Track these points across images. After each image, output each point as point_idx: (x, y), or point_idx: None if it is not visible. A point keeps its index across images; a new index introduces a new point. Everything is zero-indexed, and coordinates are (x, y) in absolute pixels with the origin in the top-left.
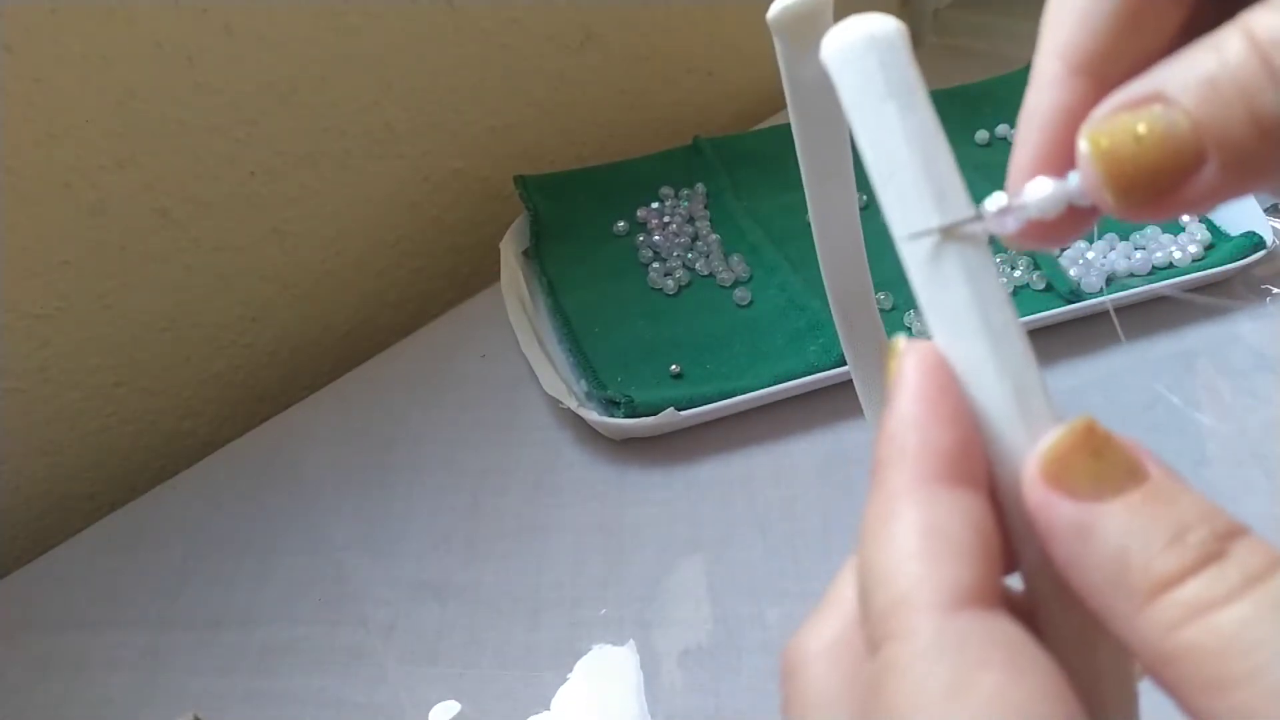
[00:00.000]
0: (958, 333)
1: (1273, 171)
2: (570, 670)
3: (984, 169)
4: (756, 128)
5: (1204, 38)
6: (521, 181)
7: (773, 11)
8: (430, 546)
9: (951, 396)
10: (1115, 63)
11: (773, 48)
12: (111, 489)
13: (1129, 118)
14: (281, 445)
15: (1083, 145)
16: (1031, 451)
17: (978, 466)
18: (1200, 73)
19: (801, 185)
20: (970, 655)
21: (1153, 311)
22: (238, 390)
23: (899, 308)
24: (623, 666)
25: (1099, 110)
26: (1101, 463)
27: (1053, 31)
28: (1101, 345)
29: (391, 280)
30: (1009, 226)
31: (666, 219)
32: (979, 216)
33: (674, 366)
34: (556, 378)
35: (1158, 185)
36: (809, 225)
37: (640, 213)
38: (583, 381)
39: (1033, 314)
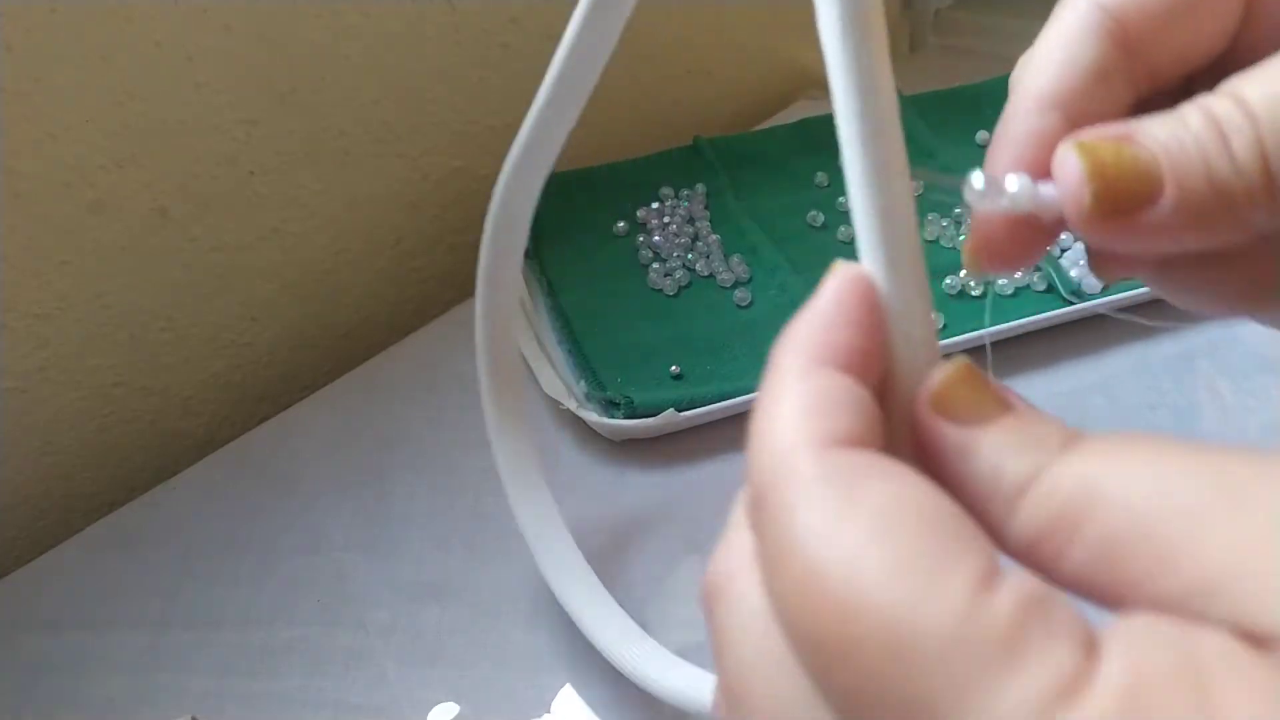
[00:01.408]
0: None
1: (1217, 228)
2: (570, 672)
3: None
4: (757, 128)
5: (1166, 111)
6: None
7: None
8: (430, 547)
9: (866, 307)
10: (1084, 107)
11: (772, 47)
12: (110, 489)
13: (1110, 142)
14: (281, 445)
15: (1068, 150)
16: (923, 384)
17: (871, 374)
18: (1168, 128)
19: (801, 186)
20: (856, 475)
21: (1153, 311)
22: (237, 390)
23: None
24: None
25: (1084, 133)
26: (980, 394)
27: (1033, 78)
28: (1102, 347)
29: (391, 280)
30: (985, 205)
31: (666, 219)
32: (968, 185)
33: (674, 367)
34: (556, 378)
35: (1127, 200)
36: (809, 226)
37: (640, 213)
38: (582, 382)
39: (1034, 315)
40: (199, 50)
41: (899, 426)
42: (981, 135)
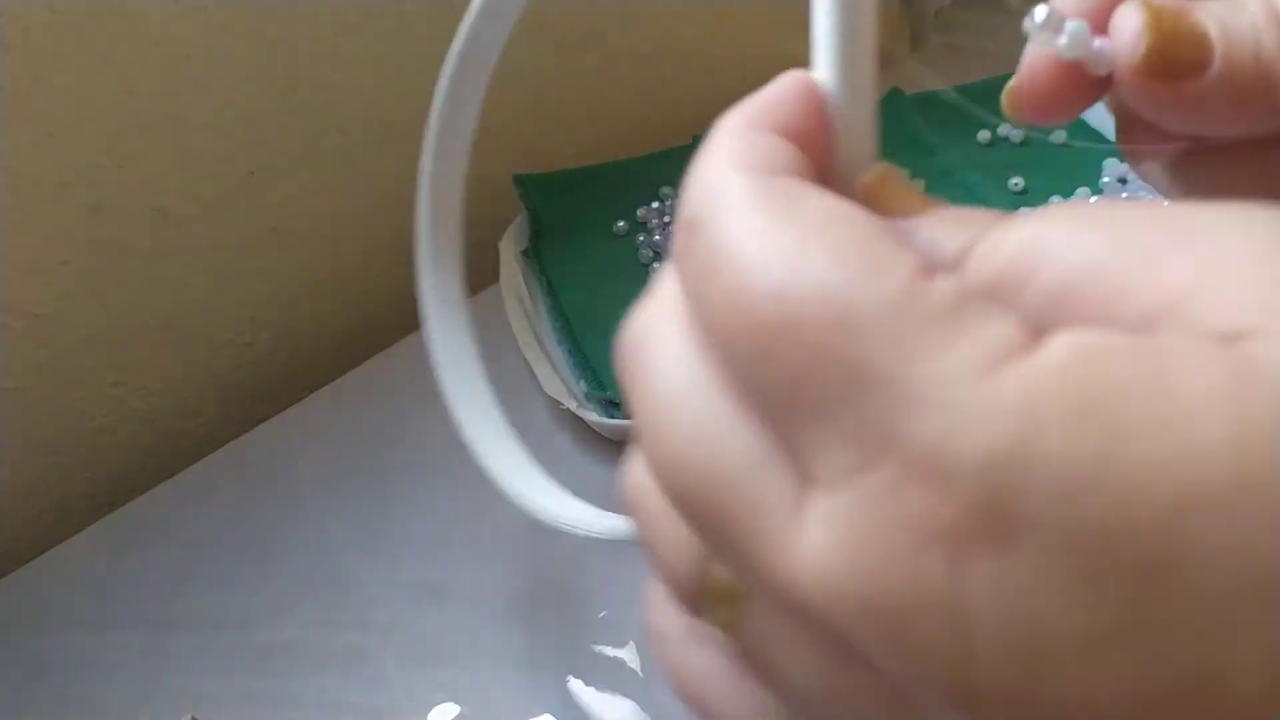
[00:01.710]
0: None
1: (1256, 108)
2: (570, 672)
3: (985, 169)
4: None
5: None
6: (521, 181)
7: None
8: (430, 548)
9: (810, 99)
10: None
11: (773, 45)
12: (110, 489)
13: (1172, 8)
14: (280, 445)
15: (1132, 6)
16: (859, 175)
17: (811, 154)
18: (1226, 6)
19: None
20: (791, 191)
21: None
22: (236, 390)
23: None
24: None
25: None
26: (911, 193)
27: None
28: None
29: (391, 279)
30: (1041, 40)
31: (667, 218)
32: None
33: None
34: (556, 378)
35: (1177, 62)
36: None
37: (641, 212)
38: (582, 382)
39: None
40: (198, 50)
41: None
42: (983, 134)
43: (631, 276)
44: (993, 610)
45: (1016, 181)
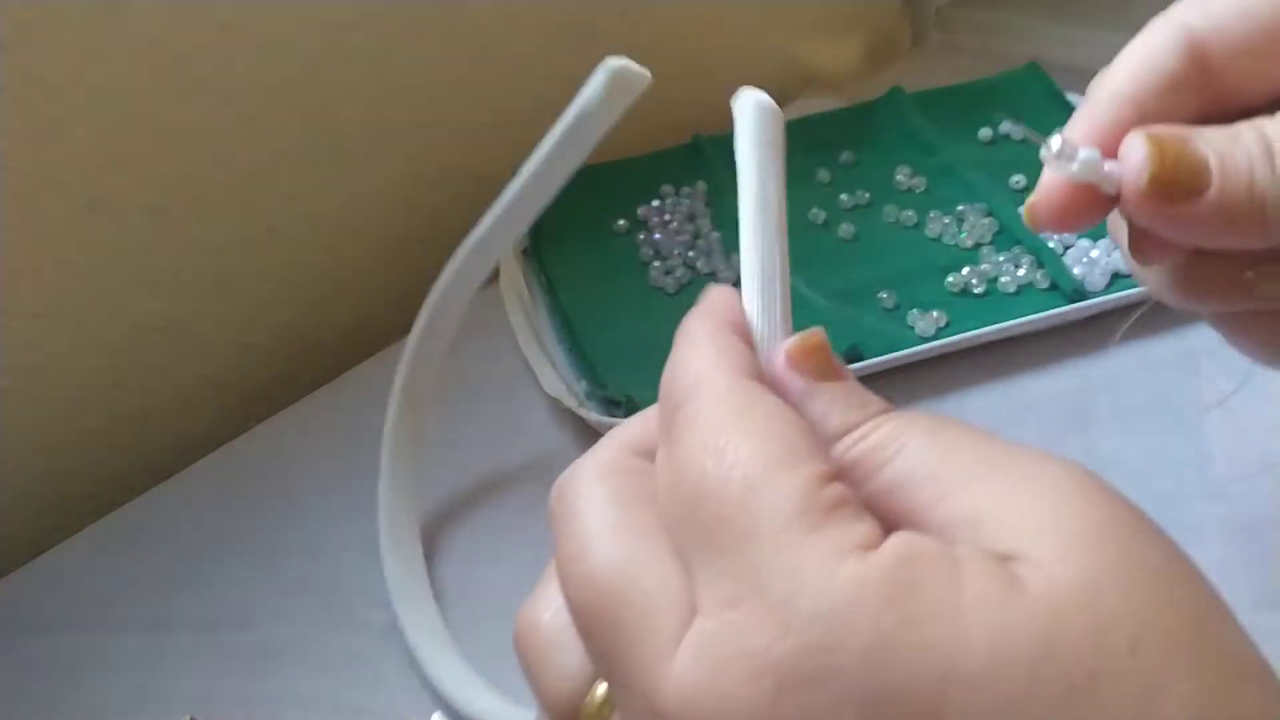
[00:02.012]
0: (752, 271)
1: (1247, 231)
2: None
3: (986, 167)
4: None
5: (1224, 125)
6: None
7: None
8: (429, 549)
9: (737, 307)
10: (1153, 107)
11: (773, 44)
12: (107, 490)
13: (1175, 138)
14: (279, 446)
15: (1138, 136)
16: (781, 344)
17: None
18: (1223, 137)
19: (802, 183)
20: (757, 391)
21: (1157, 311)
22: (234, 390)
23: (900, 307)
24: None
25: (1154, 126)
26: (825, 361)
27: (1113, 76)
28: (1106, 346)
29: (389, 279)
30: (1059, 166)
31: (667, 217)
32: (1049, 149)
33: None
34: (556, 377)
35: (1178, 188)
36: (811, 223)
37: (640, 211)
38: (583, 381)
39: (1036, 314)
40: (195, 48)
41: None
42: (984, 132)
43: (631, 275)
44: None
45: (1018, 179)
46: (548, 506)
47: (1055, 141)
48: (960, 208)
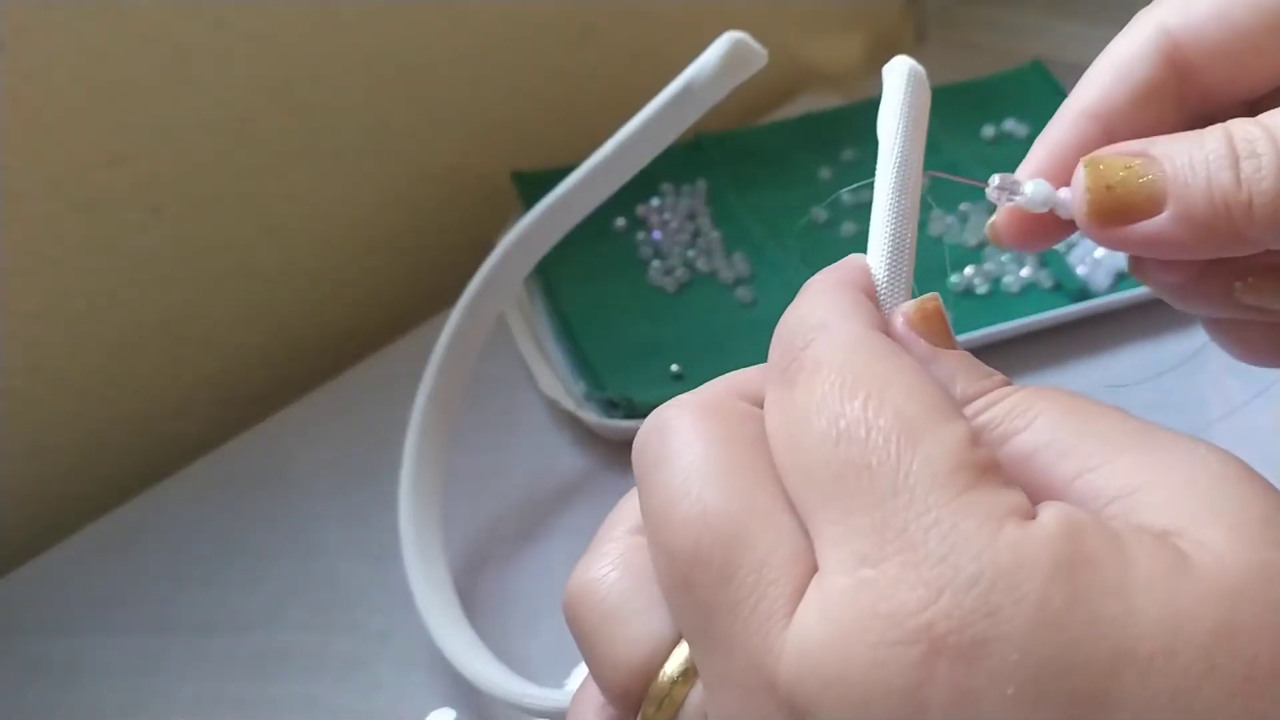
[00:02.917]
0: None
1: (1211, 243)
2: (568, 678)
3: (990, 164)
4: (759, 123)
5: (1192, 132)
6: (519, 178)
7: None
8: None
9: (865, 270)
10: (1128, 119)
11: (775, 42)
12: (103, 491)
13: (1122, 159)
14: (275, 447)
15: (1081, 167)
16: (902, 305)
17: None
18: (1182, 146)
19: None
20: (892, 344)
21: (1160, 310)
22: (230, 391)
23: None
24: None
25: (1102, 150)
26: (942, 325)
27: (1083, 87)
28: (1109, 345)
29: (386, 279)
30: (1003, 201)
31: (667, 216)
32: (989, 185)
33: (675, 366)
34: (554, 378)
35: (1122, 213)
36: (813, 222)
37: (640, 209)
38: (581, 382)
39: (1040, 313)
40: (192, 47)
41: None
42: (987, 130)
43: (630, 274)
44: (948, 708)
45: None
46: (635, 444)
47: (995, 179)
48: (963, 207)
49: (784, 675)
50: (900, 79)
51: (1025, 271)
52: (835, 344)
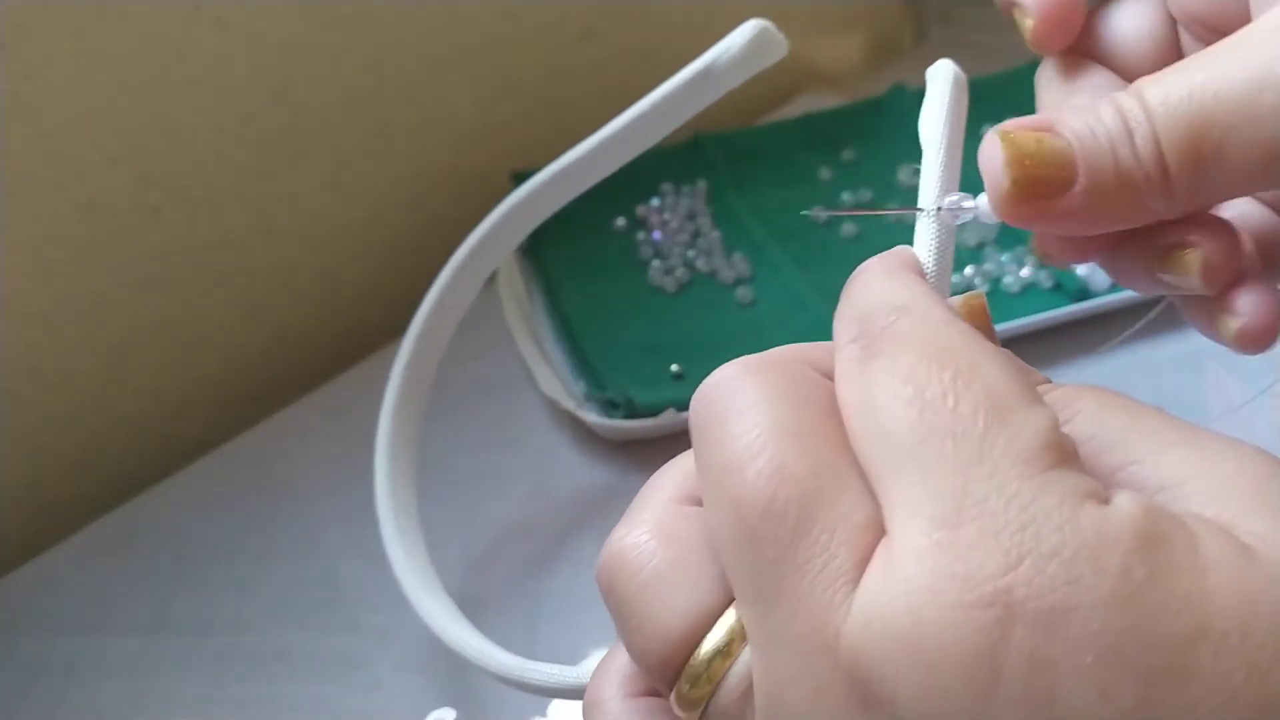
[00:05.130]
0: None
1: (1125, 214)
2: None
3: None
4: (759, 123)
5: (1085, 106)
6: (518, 178)
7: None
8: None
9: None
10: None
11: None
12: (102, 492)
13: (1031, 133)
14: (274, 447)
15: (993, 139)
16: (954, 300)
17: None
18: (1084, 120)
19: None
20: (972, 329)
21: (1161, 313)
22: (230, 391)
23: None
24: None
25: (1007, 124)
26: (986, 324)
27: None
28: (1097, 350)
29: (386, 279)
30: (958, 219)
31: (667, 216)
32: (941, 207)
33: (675, 366)
34: (554, 378)
35: (1044, 185)
36: (813, 223)
37: (640, 209)
38: (581, 382)
39: (1040, 313)
40: (192, 47)
41: None
42: (987, 130)
43: (630, 274)
44: (1022, 674)
45: None
46: (695, 400)
47: (952, 199)
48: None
49: (847, 638)
50: (945, 83)
51: (1025, 271)
52: (920, 322)
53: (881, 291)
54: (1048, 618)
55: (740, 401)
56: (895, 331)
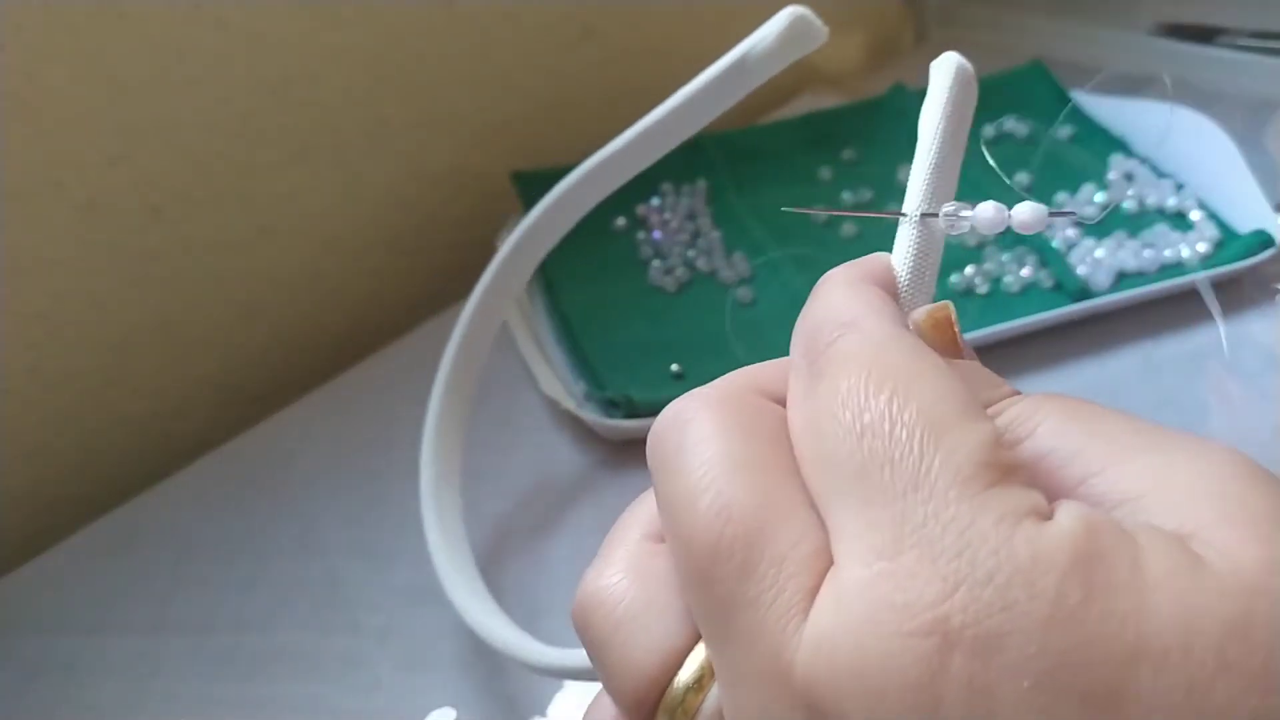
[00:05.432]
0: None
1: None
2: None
3: (989, 165)
4: (759, 122)
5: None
6: (519, 178)
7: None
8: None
9: (889, 271)
10: None
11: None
12: (102, 492)
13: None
14: (274, 447)
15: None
16: (914, 312)
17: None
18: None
19: (804, 182)
20: (919, 343)
21: (1160, 310)
22: (230, 391)
23: None
24: None
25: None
26: (952, 334)
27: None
28: (1110, 346)
29: (386, 279)
30: (954, 229)
31: (667, 215)
32: (936, 214)
33: (675, 366)
34: (554, 378)
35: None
36: (813, 222)
37: (640, 209)
38: (581, 382)
39: (1040, 313)
40: (191, 47)
41: None
42: (987, 130)
43: (630, 274)
44: (963, 701)
45: (1022, 178)
46: (651, 437)
47: (950, 206)
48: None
49: (800, 668)
50: (946, 76)
51: (1025, 271)
52: (863, 340)
53: (832, 306)
54: (984, 644)
55: (690, 438)
56: (838, 351)
